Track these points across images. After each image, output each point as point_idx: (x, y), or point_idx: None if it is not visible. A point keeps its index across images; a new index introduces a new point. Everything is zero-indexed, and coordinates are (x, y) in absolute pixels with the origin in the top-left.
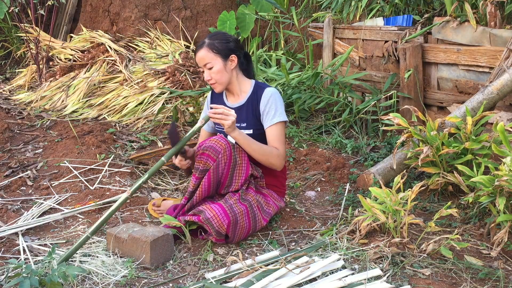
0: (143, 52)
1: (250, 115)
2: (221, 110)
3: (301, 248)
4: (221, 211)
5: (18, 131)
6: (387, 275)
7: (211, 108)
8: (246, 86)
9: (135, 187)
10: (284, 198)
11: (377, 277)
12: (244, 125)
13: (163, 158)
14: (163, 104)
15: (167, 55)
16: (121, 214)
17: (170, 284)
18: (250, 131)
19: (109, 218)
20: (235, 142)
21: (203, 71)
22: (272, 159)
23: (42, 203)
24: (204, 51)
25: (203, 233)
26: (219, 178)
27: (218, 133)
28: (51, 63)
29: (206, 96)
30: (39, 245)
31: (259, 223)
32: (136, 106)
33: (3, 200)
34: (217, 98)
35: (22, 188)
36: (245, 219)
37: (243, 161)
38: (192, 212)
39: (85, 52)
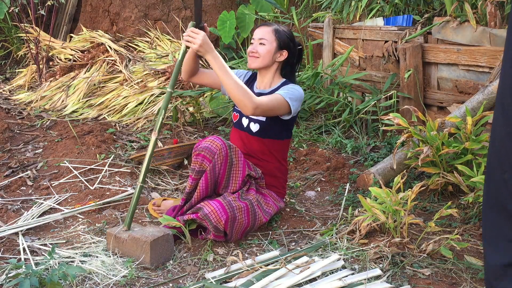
0: (143, 52)
1: None
2: (189, 32)
3: (301, 248)
4: (219, 207)
5: (18, 131)
6: (387, 275)
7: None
8: (277, 81)
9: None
10: (284, 199)
11: (377, 277)
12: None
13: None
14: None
15: (167, 55)
16: (121, 214)
17: (170, 284)
18: (263, 118)
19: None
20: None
21: (252, 43)
22: (243, 97)
23: (42, 203)
24: (269, 29)
25: (203, 233)
26: (216, 179)
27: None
28: (51, 63)
29: (208, 95)
30: (39, 245)
31: (258, 220)
32: (136, 106)
33: (3, 200)
34: (249, 83)
35: (22, 188)
36: (244, 215)
37: (239, 161)
38: (190, 211)
39: (85, 52)
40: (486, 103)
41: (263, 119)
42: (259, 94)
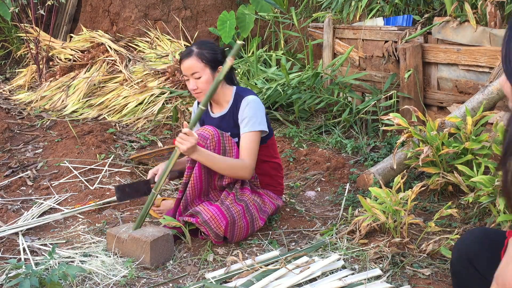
0: (143, 52)
1: (231, 124)
2: (182, 134)
3: (301, 248)
4: (218, 213)
5: (18, 131)
6: (387, 275)
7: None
8: (228, 95)
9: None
10: (283, 197)
11: (377, 277)
12: (228, 133)
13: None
14: (163, 104)
15: (167, 55)
16: (121, 214)
17: (170, 284)
18: (236, 140)
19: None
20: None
21: (188, 79)
22: (239, 172)
23: (42, 203)
24: (193, 60)
25: (202, 233)
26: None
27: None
28: (51, 63)
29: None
30: (39, 245)
31: (256, 224)
32: (136, 106)
33: (3, 200)
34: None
35: (22, 188)
36: (243, 219)
37: (233, 149)
38: (189, 212)
39: (85, 52)
40: (486, 103)
41: (236, 140)
42: (220, 118)
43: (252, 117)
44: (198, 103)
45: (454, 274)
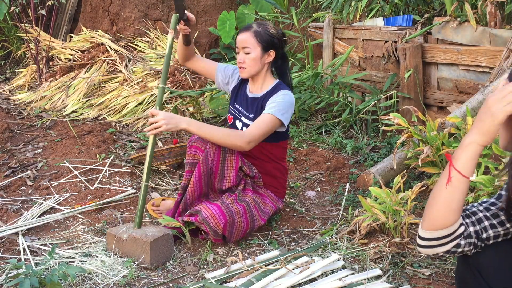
0: (143, 52)
1: (259, 108)
2: (149, 123)
3: (301, 248)
4: (218, 211)
5: (18, 131)
6: (387, 275)
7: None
8: (270, 82)
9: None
10: (284, 199)
11: (377, 277)
12: (252, 116)
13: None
14: (163, 104)
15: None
16: (121, 214)
17: (170, 284)
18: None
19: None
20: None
21: (238, 52)
22: (234, 140)
23: (42, 203)
24: (248, 34)
25: (203, 233)
26: (210, 169)
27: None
28: (51, 63)
29: (208, 95)
30: (39, 245)
31: (257, 222)
32: (136, 106)
33: (3, 200)
34: (242, 84)
35: (22, 188)
36: (243, 218)
37: (233, 152)
38: (189, 212)
39: (85, 52)
40: None
41: None
42: (252, 99)
43: (279, 104)
44: (241, 80)
45: (459, 278)
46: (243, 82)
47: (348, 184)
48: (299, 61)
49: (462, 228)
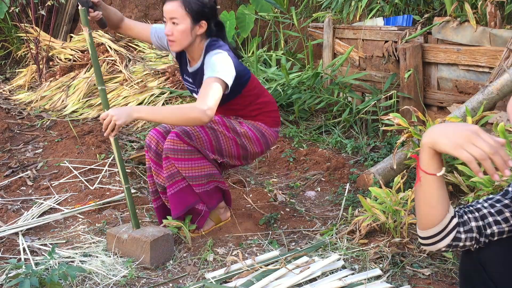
0: (143, 52)
1: (202, 79)
2: (104, 127)
3: (301, 248)
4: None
5: (18, 131)
6: (387, 275)
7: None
8: (201, 49)
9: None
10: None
11: (377, 277)
12: (198, 89)
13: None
14: (163, 104)
15: (167, 55)
16: (121, 214)
17: (170, 284)
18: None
19: None
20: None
21: (165, 22)
22: (191, 115)
23: (42, 203)
24: (176, 4)
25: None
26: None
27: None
28: (51, 63)
29: None
30: (39, 245)
31: (250, 149)
32: (136, 106)
33: (3, 200)
34: (182, 59)
35: (22, 188)
36: (232, 146)
37: (219, 124)
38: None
39: (85, 52)
40: (486, 103)
41: None
42: (194, 73)
43: (216, 68)
44: (176, 53)
45: (462, 273)
46: (181, 58)
47: (348, 184)
48: (299, 61)
49: (455, 221)
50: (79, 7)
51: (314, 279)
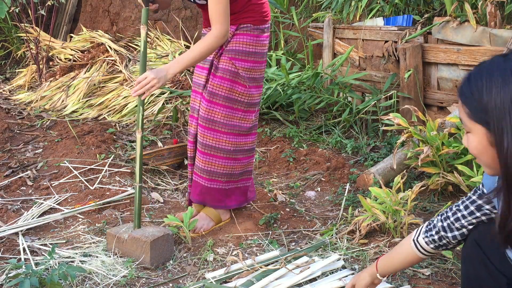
0: None
1: None
2: (138, 86)
3: (301, 248)
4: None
5: (18, 131)
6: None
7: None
8: None
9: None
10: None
11: None
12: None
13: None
14: (163, 104)
15: (167, 55)
16: (121, 214)
17: (170, 284)
18: (204, 2)
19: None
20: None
21: None
22: (212, 46)
23: (42, 203)
24: None
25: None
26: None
27: None
28: (51, 63)
29: None
30: (39, 245)
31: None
32: (136, 106)
33: (3, 200)
34: None
35: (22, 188)
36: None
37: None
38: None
39: (85, 52)
40: None
41: (204, 2)
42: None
43: None
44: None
45: (464, 258)
46: None
47: (348, 184)
48: (299, 61)
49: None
50: (143, 7)
51: (314, 279)
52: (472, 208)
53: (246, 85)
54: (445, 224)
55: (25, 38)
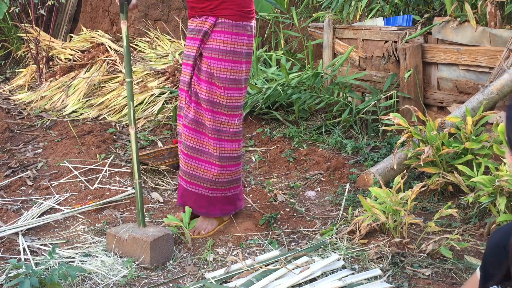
0: (143, 52)
1: None
2: None
3: (301, 248)
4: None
5: (18, 131)
6: (387, 275)
7: None
8: None
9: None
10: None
11: (377, 277)
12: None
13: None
14: (163, 104)
15: (167, 55)
16: (121, 214)
17: (170, 284)
18: None
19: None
20: None
21: None
22: None
23: (42, 203)
24: None
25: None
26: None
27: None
28: (51, 63)
29: None
30: (39, 245)
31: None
32: (136, 106)
33: (3, 200)
34: None
35: (22, 188)
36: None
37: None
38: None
39: (85, 52)
40: (486, 103)
41: None
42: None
43: None
44: None
45: (485, 257)
46: None
47: (348, 184)
48: (299, 61)
49: None
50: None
51: (314, 279)
52: None
53: (221, 87)
54: None
55: (25, 38)
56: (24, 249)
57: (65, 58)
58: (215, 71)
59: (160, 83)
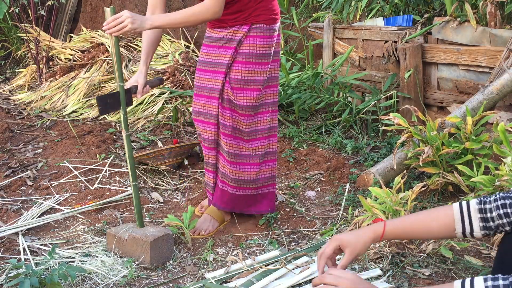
0: None
1: None
2: (112, 22)
3: (301, 248)
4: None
5: (18, 131)
6: (387, 275)
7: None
8: None
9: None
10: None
11: (377, 277)
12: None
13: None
14: (163, 104)
15: (167, 55)
16: (121, 214)
17: (170, 284)
18: None
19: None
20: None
21: None
22: (198, 15)
23: (42, 203)
24: None
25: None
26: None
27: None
28: (51, 63)
29: None
30: (39, 245)
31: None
32: (136, 106)
33: (3, 200)
34: None
35: (22, 188)
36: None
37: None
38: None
39: (85, 52)
40: (486, 103)
41: None
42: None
43: None
44: None
45: (500, 252)
46: None
47: (348, 184)
48: (299, 61)
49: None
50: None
51: None
52: None
53: (260, 89)
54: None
55: (25, 38)
56: (24, 249)
57: (65, 58)
58: (251, 75)
59: None
